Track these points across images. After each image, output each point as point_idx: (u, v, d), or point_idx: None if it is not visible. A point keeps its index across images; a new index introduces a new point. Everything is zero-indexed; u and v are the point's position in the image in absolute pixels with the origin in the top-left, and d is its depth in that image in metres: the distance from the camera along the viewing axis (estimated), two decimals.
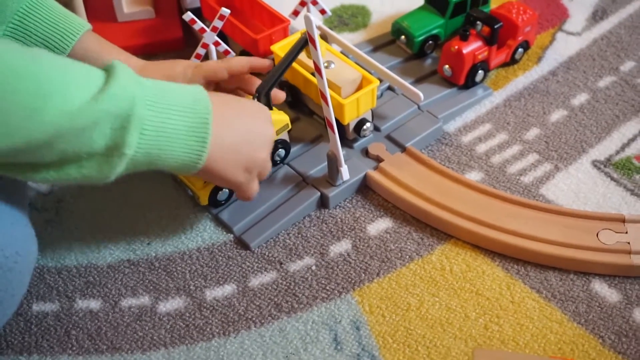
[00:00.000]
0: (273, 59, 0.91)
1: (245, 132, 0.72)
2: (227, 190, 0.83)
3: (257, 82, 0.84)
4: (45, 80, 0.57)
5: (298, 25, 1.02)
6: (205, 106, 0.67)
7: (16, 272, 0.66)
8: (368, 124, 0.88)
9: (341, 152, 0.82)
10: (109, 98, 0.60)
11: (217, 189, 0.82)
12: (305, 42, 0.78)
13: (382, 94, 0.96)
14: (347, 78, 0.85)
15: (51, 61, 0.59)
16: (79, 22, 0.80)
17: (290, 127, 0.85)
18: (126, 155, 0.62)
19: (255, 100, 0.81)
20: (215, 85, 0.85)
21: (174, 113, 0.65)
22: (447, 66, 0.96)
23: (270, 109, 0.82)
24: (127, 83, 0.62)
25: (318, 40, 0.75)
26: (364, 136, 0.89)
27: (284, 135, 0.85)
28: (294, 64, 0.85)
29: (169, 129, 0.64)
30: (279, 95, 0.86)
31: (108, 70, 0.63)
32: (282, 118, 0.83)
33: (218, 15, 0.87)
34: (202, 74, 0.82)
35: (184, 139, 0.66)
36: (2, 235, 0.64)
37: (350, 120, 0.86)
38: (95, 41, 0.81)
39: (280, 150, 0.86)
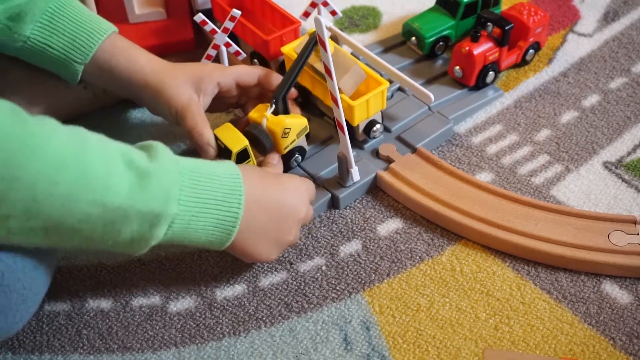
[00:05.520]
0: (283, 61, 0.92)
1: (274, 213, 0.72)
2: None
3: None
4: (88, 171, 0.57)
5: (309, 27, 1.02)
6: (237, 199, 0.68)
7: (40, 270, 0.67)
8: (378, 126, 0.88)
9: (351, 153, 0.82)
10: (145, 198, 0.60)
11: None
12: (315, 43, 0.78)
13: (392, 95, 0.95)
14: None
15: (96, 148, 0.59)
16: (105, 24, 0.82)
17: (309, 130, 0.85)
18: (150, 245, 0.64)
19: (273, 107, 0.81)
20: (240, 89, 0.86)
21: (205, 209, 0.66)
22: (457, 67, 0.96)
23: (288, 113, 0.83)
24: (165, 177, 0.62)
25: (328, 42, 0.75)
26: (374, 137, 0.89)
27: (302, 141, 0.85)
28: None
29: (197, 224, 0.66)
30: (290, 92, 0.86)
31: (148, 151, 0.63)
32: (300, 121, 0.83)
33: (229, 16, 0.88)
34: (232, 77, 0.83)
35: (210, 231, 0.67)
36: None
37: (359, 121, 0.86)
38: (122, 41, 0.82)
39: (297, 156, 0.86)
